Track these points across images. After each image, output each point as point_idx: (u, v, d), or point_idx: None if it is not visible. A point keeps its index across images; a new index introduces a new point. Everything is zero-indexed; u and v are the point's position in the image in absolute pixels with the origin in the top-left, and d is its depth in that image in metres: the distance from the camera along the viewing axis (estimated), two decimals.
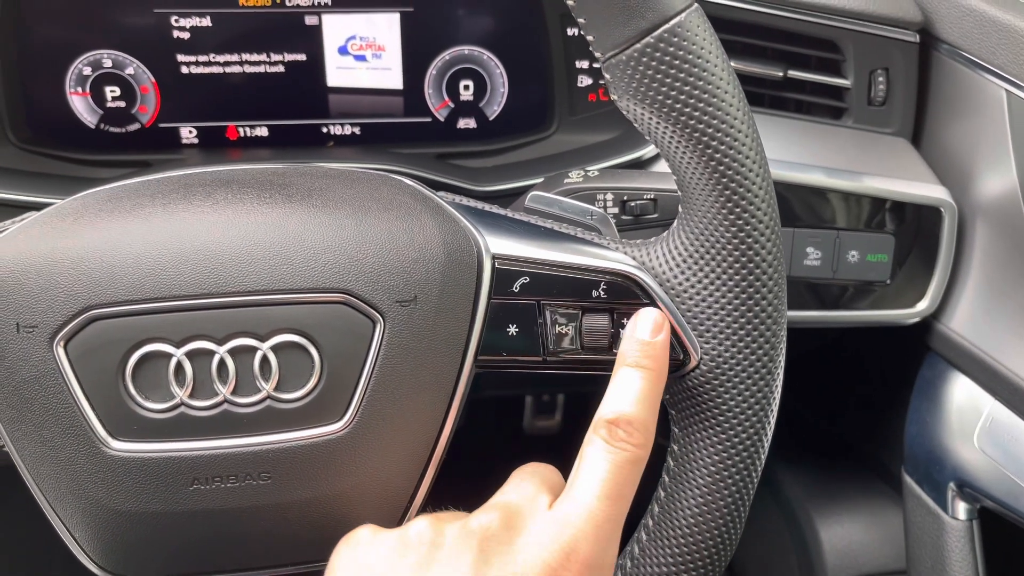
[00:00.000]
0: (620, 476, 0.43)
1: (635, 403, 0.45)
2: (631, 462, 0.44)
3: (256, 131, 0.81)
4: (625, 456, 0.44)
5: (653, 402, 0.46)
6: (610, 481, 0.43)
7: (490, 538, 0.41)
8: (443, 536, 0.42)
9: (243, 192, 0.47)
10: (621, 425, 0.44)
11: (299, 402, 0.44)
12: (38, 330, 0.43)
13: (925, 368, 0.79)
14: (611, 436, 0.44)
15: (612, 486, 0.43)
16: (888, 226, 0.74)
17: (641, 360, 0.46)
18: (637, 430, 0.44)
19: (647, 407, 0.45)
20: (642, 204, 0.62)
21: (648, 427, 0.45)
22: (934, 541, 0.75)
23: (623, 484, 0.43)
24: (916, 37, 0.76)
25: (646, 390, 0.45)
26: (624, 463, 0.44)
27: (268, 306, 0.44)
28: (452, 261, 0.46)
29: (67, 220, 0.46)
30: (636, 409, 0.45)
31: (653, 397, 0.46)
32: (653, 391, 0.46)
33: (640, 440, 0.44)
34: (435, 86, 0.81)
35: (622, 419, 0.44)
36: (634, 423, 0.44)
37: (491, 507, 0.43)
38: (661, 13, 0.42)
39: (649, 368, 0.46)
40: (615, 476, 0.43)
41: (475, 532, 0.41)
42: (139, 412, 0.43)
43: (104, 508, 0.44)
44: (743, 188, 0.45)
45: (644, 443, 0.45)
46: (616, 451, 0.44)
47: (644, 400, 0.45)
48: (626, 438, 0.44)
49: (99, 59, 0.77)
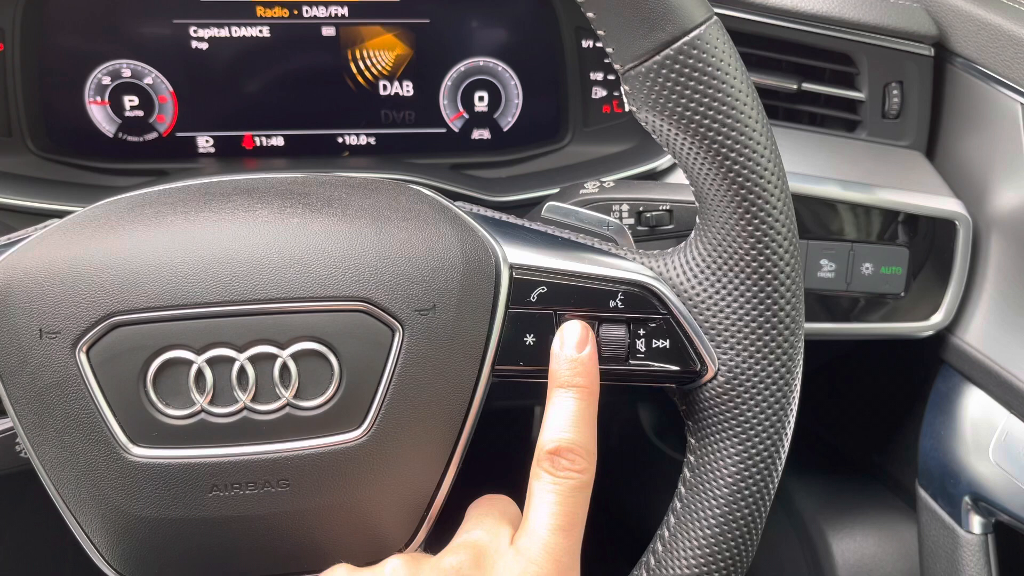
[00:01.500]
0: (569, 506, 0.44)
1: (573, 428, 0.46)
2: (577, 489, 0.45)
3: (272, 141, 0.81)
4: (571, 484, 0.45)
5: (590, 421, 0.46)
6: (560, 513, 0.44)
7: None
8: (419, 573, 0.42)
9: (264, 201, 0.47)
10: (563, 454, 0.45)
11: (318, 410, 0.44)
12: (61, 336, 0.43)
13: (939, 381, 0.79)
14: (554, 467, 0.45)
15: (563, 517, 0.44)
16: (902, 239, 0.74)
17: (572, 379, 0.46)
18: (579, 455, 0.45)
19: (586, 428, 0.46)
20: (658, 215, 0.63)
21: (589, 450, 0.46)
22: (949, 555, 0.74)
23: (573, 513, 0.45)
24: (931, 50, 0.76)
25: (582, 410, 0.46)
26: (571, 491, 0.45)
27: (288, 314, 0.44)
28: (470, 270, 0.46)
29: (89, 227, 0.46)
30: (575, 434, 0.45)
31: (589, 416, 0.46)
32: (588, 410, 0.46)
33: (583, 465, 0.45)
34: (450, 97, 0.82)
35: (563, 447, 0.45)
36: (575, 449, 0.45)
37: (460, 547, 0.44)
38: (681, 26, 0.42)
39: (581, 386, 0.46)
40: (564, 507, 0.44)
41: (448, 572, 0.42)
42: (159, 418, 0.44)
43: (124, 514, 0.44)
44: (761, 199, 0.45)
45: (587, 467, 0.45)
46: (562, 481, 0.45)
47: (581, 422, 0.46)
48: (569, 466, 0.45)
49: (118, 69, 0.77)
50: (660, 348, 0.48)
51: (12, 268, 0.44)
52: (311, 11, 0.77)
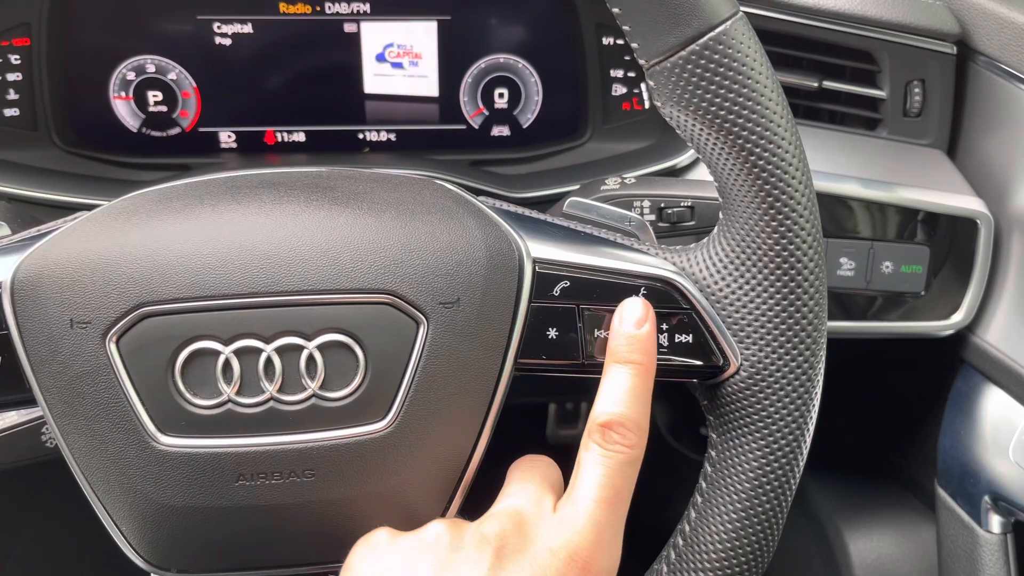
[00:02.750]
0: (617, 479, 0.44)
1: (626, 402, 0.45)
2: (626, 463, 0.45)
3: (293, 136, 0.82)
4: (620, 458, 0.44)
5: (644, 398, 0.46)
6: (607, 485, 0.44)
7: (505, 544, 0.42)
8: (461, 540, 0.43)
9: (290, 194, 0.47)
10: (614, 427, 0.45)
11: (344, 401, 0.45)
12: (91, 326, 0.43)
13: (959, 381, 0.78)
14: (605, 440, 0.45)
15: (610, 490, 0.44)
16: (923, 237, 0.74)
17: (630, 355, 0.46)
18: (630, 431, 0.45)
19: (639, 404, 0.46)
20: (679, 211, 0.63)
21: (641, 426, 0.45)
22: (968, 555, 0.74)
23: (620, 487, 0.44)
24: (953, 48, 0.76)
25: (637, 387, 0.46)
26: (620, 466, 0.44)
27: (314, 306, 0.44)
28: (494, 264, 0.47)
29: (119, 220, 0.47)
30: (628, 409, 0.45)
31: (644, 393, 0.46)
32: (644, 386, 0.46)
33: (634, 440, 0.45)
34: (470, 94, 0.82)
35: (614, 420, 0.45)
36: (626, 424, 0.45)
37: (502, 513, 0.44)
38: (706, 21, 0.42)
39: (638, 363, 0.46)
40: (612, 480, 0.44)
41: (490, 539, 0.42)
42: (187, 408, 0.44)
43: (151, 502, 0.45)
44: (785, 195, 0.45)
45: (638, 443, 0.45)
46: (611, 455, 0.44)
47: (635, 398, 0.46)
48: (620, 440, 0.45)
49: (143, 64, 0.78)
50: (683, 343, 0.48)
51: (43, 259, 0.45)
52: (333, 7, 0.78)
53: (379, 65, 0.80)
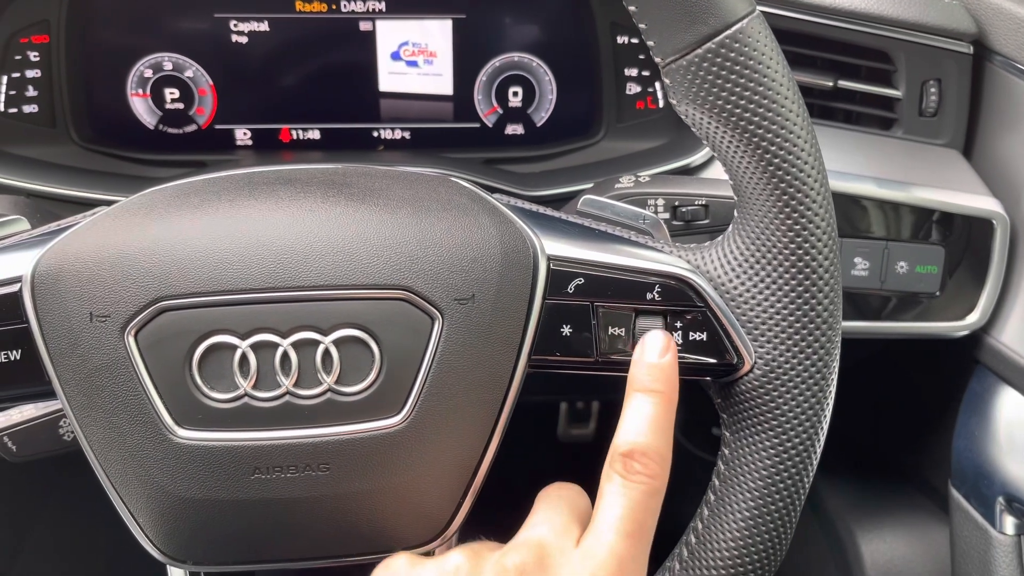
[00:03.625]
0: (639, 512, 0.44)
1: (648, 432, 0.45)
2: (649, 495, 0.44)
3: (308, 134, 0.82)
4: (642, 489, 0.44)
5: (667, 428, 0.46)
6: (629, 518, 0.43)
7: None
8: (480, 571, 0.42)
9: (306, 190, 0.48)
10: (636, 457, 0.44)
11: (359, 395, 0.45)
12: (110, 320, 0.44)
13: (974, 382, 0.78)
14: (627, 470, 0.44)
15: (631, 523, 0.43)
16: (938, 237, 0.73)
17: (652, 384, 0.46)
18: (652, 460, 0.44)
19: (661, 434, 0.45)
20: (693, 210, 0.63)
21: (663, 455, 0.45)
22: (981, 556, 0.74)
23: (643, 520, 0.44)
24: (969, 48, 0.76)
25: (659, 416, 0.46)
26: (642, 497, 0.44)
27: (331, 301, 0.45)
28: (509, 261, 0.47)
29: (138, 215, 0.47)
30: (650, 438, 0.45)
31: (666, 422, 0.46)
32: (666, 416, 0.46)
33: (656, 471, 0.44)
34: (484, 92, 0.82)
35: (636, 450, 0.44)
36: (649, 454, 0.44)
37: (523, 545, 0.44)
38: (723, 19, 0.43)
39: (660, 391, 0.46)
40: (634, 512, 0.44)
41: (510, 571, 0.42)
42: (204, 402, 0.45)
43: (168, 494, 0.45)
44: (801, 193, 0.45)
45: (660, 473, 0.45)
46: (633, 486, 0.44)
47: (657, 428, 0.45)
48: (642, 470, 0.44)
49: (160, 62, 0.79)
50: (697, 341, 0.48)
51: (63, 253, 0.45)
52: (349, 5, 0.78)
53: (394, 63, 0.81)
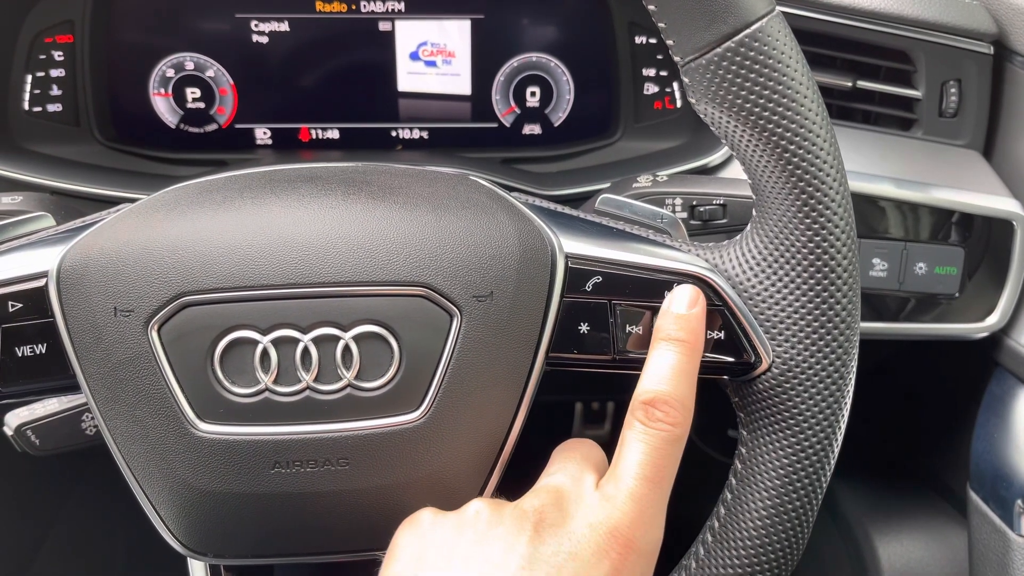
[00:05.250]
0: (659, 457, 0.44)
1: (671, 380, 0.45)
2: (669, 442, 0.44)
3: (327, 133, 0.83)
4: (663, 436, 0.44)
5: (690, 376, 0.46)
6: (649, 463, 0.44)
7: (544, 519, 0.42)
8: (500, 516, 0.43)
9: (327, 188, 0.48)
10: (657, 405, 0.44)
11: (378, 391, 0.46)
12: (134, 314, 0.45)
13: (993, 384, 0.78)
14: (648, 417, 0.44)
15: (651, 468, 0.43)
16: (957, 238, 0.73)
17: (676, 332, 0.46)
18: (674, 408, 0.44)
19: (684, 383, 0.45)
20: (711, 209, 0.63)
21: (685, 403, 0.45)
22: (999, 559, 0.73)
23: (663, 465, 0.44)
24: (990, 48, 0.75)
25: (682, 364, 0.46)
26: (663, 443, 0.44)
27: (351, 297, 0.45)
28: (527, 259, 0.47)
29: (161, 212, 0.48)
30: (672, 387, 0.45)
31: (690, 371, 0.46)
32: (689, 365, 0.46)
33: (677, 418, 0.44)
34: (502, 92, 0.83)
35: (658, 398, 0.45)
36: (670, 402, 0.44)
37: (542, 490, 0.44)
38: (742, 18, 0.43)
39: (684, 340, 0.46)
40: (654, 457, 0.44)
41: (529, 514, 0.43)
42: (226, 396, 0.45)
43: (190, 487, 0.46)
44: (820, 192, 0.45)
45: (682, 421, 0.45)
46: (654, 432, 0.44)
47: (680, 376, 0.45)
48: (663, 418, 0.44)
49: (182, 61, 0.80)
50: (715, 339, 0.48)
51: (88, 249, 0.46)
52: (368, 5, 0.79)
53: (413, 63, 0.81)
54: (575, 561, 0.40)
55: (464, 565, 0.40)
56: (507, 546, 0.41)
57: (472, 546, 0.41)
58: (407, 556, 0.42)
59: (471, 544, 0.41)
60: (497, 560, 0.40)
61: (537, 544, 0.41)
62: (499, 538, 0.41)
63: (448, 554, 0.41)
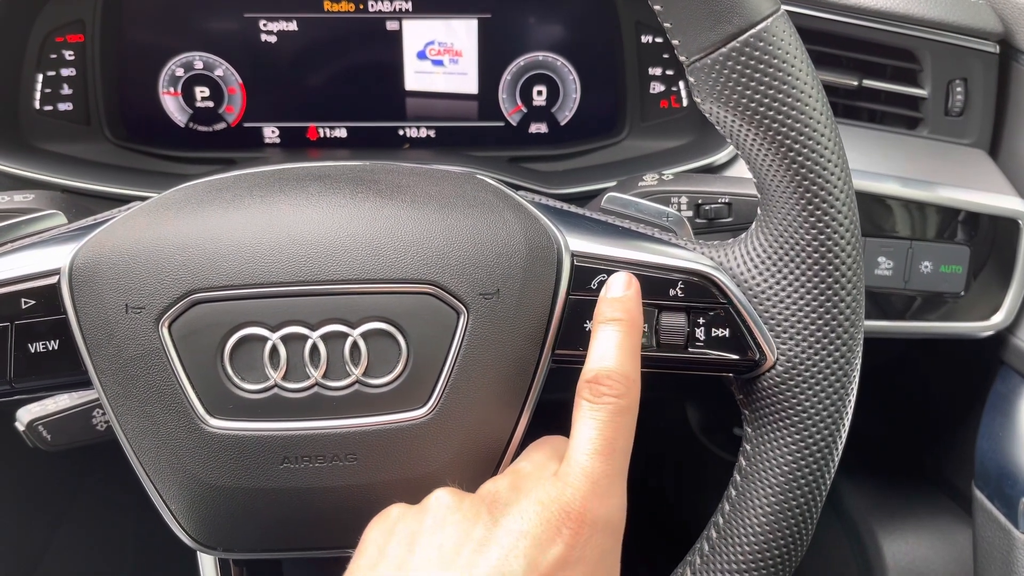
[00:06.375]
0: (609, 430, 0.44)
1: (612, 356, 0.46)
2: (617, 413, 0.45)
3: (335, 132, 0.83)
4: (609, 409, 0.45)
5: (631, 351, 0.46)
6: (599, 438, 0.44)
7: (497, 500, 0.43)
8: (459, 502, 0.43)
9: (336, 186, 0.49)
10: (601, 380, 0.45)
11: (386, 387, 0.46)
12: (145, 311, 0.45)
13: (999, 382, 0.78)
14: (593, 394, 0.45)
15: (602, 442, 0.44)
16: (963, 237, 0.73)
17: (613, 313, 0.47)
18: (616, 381, 0.45)
19: (625, 357, 0.46)
20: (717, 208, 0.63)
21: (628, 376, 0.46)
22: (1004, 557, 0.73)
23: (614, 438, 0.44)
24: (996, 47, 0.75)
25: (621, 340, 0.46)
26: (610, 416, 0.45)
27: (359, 295, 0.46)
28: (533, 257, 0.47)
29: (171, 210, 0.48)
30: (614, 362, 0.46)
31: (630, 346, 0.47)
32: (629, 340, 0.47)
33: (621, 390, 0.45)
34: (509, 91, 0.83)
35: (601, 374, 0.45)
36: (612, 375, 0.45)
37: (500, 476, 0.46)
38: (747, 18, 0.43)
39: (621, 319, 0.47)
40: (603, 432, 0.44)
41: (485, 497, 0.44)
42: (235, 392, 0.46)
43: (199, 482, 0.46)
44: (824, 191, 0.45)
45: (626, 392, 0.45)
46: (600, 407, 0.45)
47: (620, 350, 0.46)
48: (607, 391, 0.45)
49: (191, 61, 0.80)
50: (719, 337, 0.48)
51: (100, 246, 0.47)
52: (376, 5, 0.79)
53: (420, 62, 0.82)
54: (527, 539, 0.41)
55: (423, 553, 0.41)
56: (462, 531, 0.42)
57: (430, 534, 0.42)
58: (372, 549, 0.43)
59: (430, 532, 0.42)
60: (452, 545, 0.41)
61: (491, 526, 0.42)
62: (455, 524, 0.42)
63: (408, 543, 0.42)
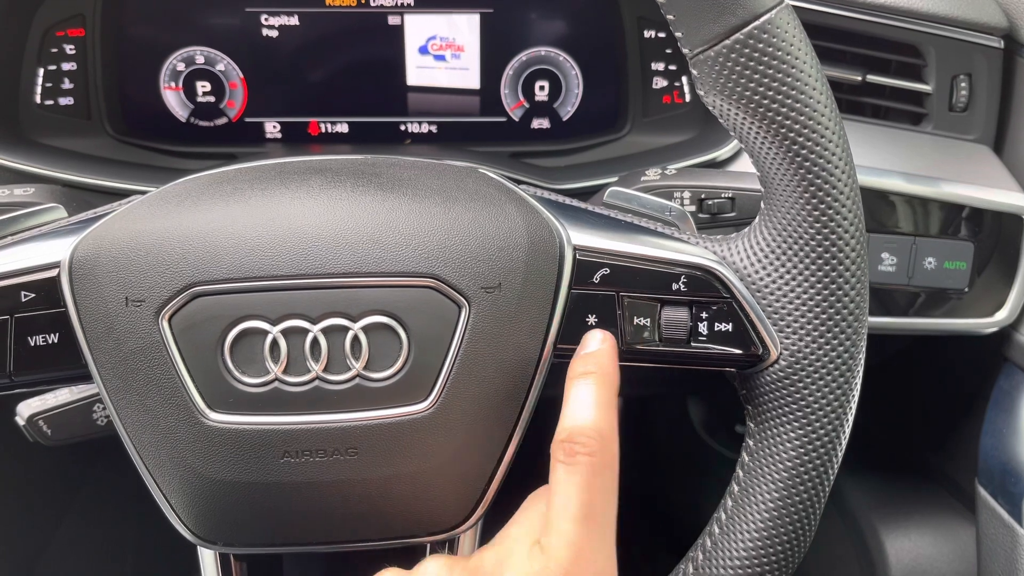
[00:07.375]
0: (588, 493, 0.42)
1: (585, 414, 0.44)
2: (593, 475, 0.42)
3: (337, 127, 0.83)
4: (584, 470, 0.42)
5: (606, 406, 0.45)
6: (577, 502, 0.42)
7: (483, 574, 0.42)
8: (449, 572, 0.43)
9: (337, 179, 0.48)
10: (574, 439, 0.43)
11: (387, 381, 0.46)
12: (145, 304, 0.45)
13: (1002, 379, 0.77)
14: (567, 454, 0.43)
15: (581, 506, 0.42)
16: (967, 233, 0.73)
17: (586, 367, 0.46)
18: (590, 438, 0.43)
19: (600, 413, 0.44)
20: (720, 203, 0.63)
21: (604, 432, 0.43)
22: (1008, 554, 0.73)
23: (594, 500, 0.42)
24: (1000, 43, 0.75)
25: (596, 395, 0.45)
26: (588, 477, 0.42)
27: (360, 288, 0.45)
28: (535, 251, 0.47)
29: (172, 202, 0.48)
30: (587, 419, 0.44)
31: (605, 401, 0.45)
32: (603, 395, 0.45)
33: (595, 447, 0.43)
34: (511, 86, 0.83)
35: (574, 432, 0.43)
36: (587, 432, 0.43)
37: (491, 546, 0.44)
38: (751, 10, 0.43)
39: (595, 373, 0.45)
40: (581, 496, 0.42)
41: (473, 571, 0.43)
42: (236, 386, 0.45)
43: (199, 476, 0.46)
44: (828, 184, 0.45)
45: (600, 449, 0.43)
46: (576, 468, 0.42)
47: (594, 407, 0.44)
48: (582, 450, 0.43)
49: (192, 55, 0.80)
50: (722, 331, 0.48)
51: (100, 239, 0.47)
52: (378, 0, 0.79)
53: (422, 57, 0.81)
54: None
55: None
56: None
57: None
58: None
59: None
60: None
61: None
62: None
63: None
